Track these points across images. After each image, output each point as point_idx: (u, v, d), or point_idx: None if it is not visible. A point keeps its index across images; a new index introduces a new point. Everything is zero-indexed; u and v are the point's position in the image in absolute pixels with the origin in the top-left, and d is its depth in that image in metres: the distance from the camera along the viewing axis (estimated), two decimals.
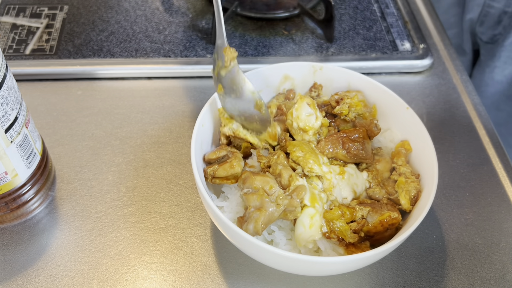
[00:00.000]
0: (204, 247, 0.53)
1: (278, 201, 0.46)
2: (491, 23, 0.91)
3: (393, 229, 0.49)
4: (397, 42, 0.76)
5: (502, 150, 0.63)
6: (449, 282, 0.51)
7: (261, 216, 0.45)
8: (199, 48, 0.73)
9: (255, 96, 0.53)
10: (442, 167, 0.60)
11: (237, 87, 0.52)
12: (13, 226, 0.54)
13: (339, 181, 0.49)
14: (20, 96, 0.49)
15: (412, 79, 0.73)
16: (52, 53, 0.71)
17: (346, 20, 0.80)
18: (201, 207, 0.56)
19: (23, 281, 0.50)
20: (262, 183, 0.47)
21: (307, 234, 0.46)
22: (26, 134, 0.50)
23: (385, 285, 0.51)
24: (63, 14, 0.78)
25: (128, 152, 0.62)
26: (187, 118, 0.66)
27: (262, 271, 0.52)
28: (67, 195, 0.57)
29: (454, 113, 0.68)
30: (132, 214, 0.56)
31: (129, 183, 0.58)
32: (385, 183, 0.52)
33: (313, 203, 0.47)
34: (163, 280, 0.50)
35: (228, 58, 0.52)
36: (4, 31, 0.74)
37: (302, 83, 0.59)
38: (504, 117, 0.96)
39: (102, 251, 0.52)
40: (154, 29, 0.76)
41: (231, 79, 0.52)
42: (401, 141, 0.54)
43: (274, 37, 0.76)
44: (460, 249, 0.54)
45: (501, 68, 0.91)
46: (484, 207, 0.58)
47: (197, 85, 0.70)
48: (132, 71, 0.71)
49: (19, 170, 0.51)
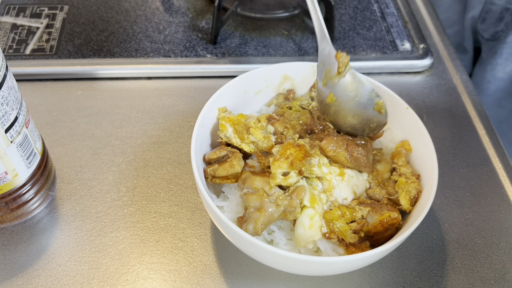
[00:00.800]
0: (204, 247, 0.53)
1: (278, 201, 0.46)
2: (493, 20, 0.91)
3: (393, 229, 0.49)
4: (397, 42, 0.76)
5: (502, 150, 0.63)
6: (449, 282, 0.51)
7: (260, 217, 0.46)
8: (199, 48, 0.73)
9: (374, 97, 0.50)
10: (442, 167, 0.60)
11: (354, 91, 0.50)
12: (13, 226, 0.54)
13: (339, 182, 0.49)
14: (20, 96, 0.49)
15: (412, 79, 0.73)
16: (52, 53, 0.71)
17: (346, 20, 0.80)
18: (201, 207, 0.57)
19: (23, 281, 0.50)
20: (262, 184, 0.47)
21: (307, 235, 0.46)
22: (26, 134, 0.50)
23: (385, 285, 0.51)
24: (63, 14, 0.78)
25: (128, 152, 0.62)
26: (187, 118, 0.66)
27: (262, 271, 0.52)
28: (67, 195, 0.57)
29: (454, 113, 0.68)
30: (132, 214, 0.56)
31: (129, 183, 0.58)
32: (385, 183, 0.52)
33: (312, 203, 0.47)
34: (163, 280, 0.50)
35: (343, 63, 0.49)
36: (4, 31, 0.74)
37: (302, 83, 0.59)
38: (505, 114, 0.96)
39: (102, 251, 0.52)
40: (154, 29, 0.76)
41: (345, 84, 0.50)
42: (401, 141, 0.54)
43: (274, 37, 0.76)
44: (460, 249, 0.54)
45: (503, 65, 0.91)
46: (484, 207, 0.58)
47: (197, 85, 0.70)
48: (132, 71, 0.71)
49: (19, 170, 0.51)
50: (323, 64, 0.51)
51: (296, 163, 0.47)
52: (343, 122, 0.51)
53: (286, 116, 0.54)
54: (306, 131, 0.55)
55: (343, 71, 0.49)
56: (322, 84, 0.51)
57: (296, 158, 0.47)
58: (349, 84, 0.50)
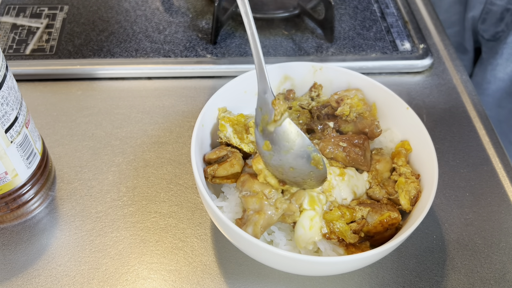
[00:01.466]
0: (204, 247, 0.53)
1: (277, 204, 0.46)
2: (493, 21, 0.91)
3: (393, 229, 0.49)
4: (397, 42, 0.76)
5: (502, 150, 0.63)
6: (449, 282, 0.51)
7: (260, 219, 0.45)
8: (199, 48, 0.73)
9: (311, 151, 0.46)
10: (442, 167, 0.60)
11: (289, 142, 0.46)
12: (13, 226, 0.54)
13: (339, 182, 0.49)
14: (20, 96, 0.49)
15: (412, 79, 0.73)
16: (52, 53, 0.71)
17: (346, 20, 0.80)
18: (201, 207, 0.57)
19: (23, 281, 0.50)
20: (261, 186, 0.47)
21: (307, 236, 0.46)
22: (26, 134, 0.50)
23: (385, 285, 0.51)
24: (63, 14, 0.78)
25: (128, 152, 0.62)
26: (187, 118, 0.66)
27: (262, 271, 0.52)
28: (67, 195, 0.57)
29: (454, 113, 0.68)
30: (132, 214, 0.56)
31: (129, 183, 0.58)
32: (385, 183, 0.52)
33: (312, 205, 0.47)
34: (163, 280, 0.50)
35: (279, 111, 0.46)
36: (4, 31, 0.74)
37: (302, 83, 0.59)
38: (505, 114, 0.96)
39: (102, 251, 0.52)
40: (154, 29, 0.76)
41: (281, 134, 0.46)
42: (401, 141, 0.54)
43: (274, 37, 0.76)
44: (460, 249, 0.54)
45: (503, 66, 0.91)
46: (484, 207, 0.58)
47: (197, 85, 0.70)
48: (132, 71, 0.71)
49: (19, 170, 0.51)
50: (261, 109, 0.48)
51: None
52: (280, 173, 0.47)
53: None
54: (306, 131, 0.55)
55: (279, 119, 0.46)
56: (259, 130, 0.48)
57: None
58: (284, 134, 0.46)
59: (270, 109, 0.46)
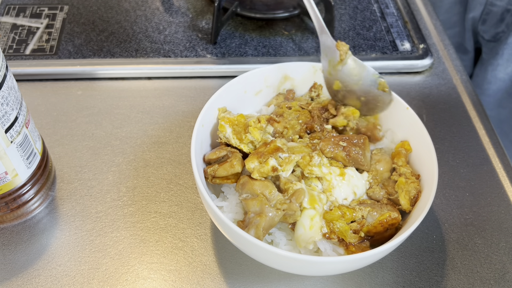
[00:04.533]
0: (204, 247, 0.53)
1: (278, 205, 0.46)
2: (494, 21, 0.91)
3: (393, 229, 0.49)
4: (397, 42, 0.76)
5: (502, 150, 0.63)
6: (449, 282, 0.52)
7: (261, 222, 0.45)
8: (199, 48, 0.73)
9: (376, 78, 0.54)
10: (442, 167, 0.60)
11: (357, 75, 0.54)
12: (13, 226, 0.54)
13: (339, 182, 0.49)
14: (20, 96, 0.49)
15: (412, 79, 0.73)
16: (52, 53, 0.71)
17: (346, 20, 0.80)
18: (201, 207, 0.57)
19: (23, 281, 0.50)
20: (261, 188, 0.47)
21: (307, 235, 0.46)
22: (26, 134, 0.50)
23: (385, 285, 0.51)
24: (63, 14, 0.78)
25: (128, 152, 0.62)
26: (187, 118, 0.66)
27: (262, 271, 0.52)
28: (67, 195, 0.57)
29: (454, 113, 0.68)
30: (132, 214, 0.56)
31: (129, 183, 0.58)
32: (385, 183, 0.52)
33: (312, 204, 0.47)
34: (163, 280, 0.50)
35: (344, 51, 0.54)
36: (4, 31, 0.74)
37: (302, 83, 0.59)
38: (506, 114, 0.96)
39: (102, 251, 0.52)
40: (154, 29, 0.76)
41: (349, 70, 0.54)
42: (401, 141, 0.54)
43: (274, 37, 0.76)
44: (460, 249, 0.54)
45: (504, 66, 0.91)
46: (484, 207, 0.58)
47: (197, 85, 0.70)
48: (132, 71, 0.71)
49: (19, 170, 0.51)
50: (326, 55, 0.55)
51: (265, 155, 0.49)
52: (353, 105, 0.55)
53: (285, 116, 0.54)
54: (305, 131, 0.55)
55: (344, 58, 0.54)
56: (328, 73, 0.55)
57: (267, 152, 0.49)
58: (351, 69, 0.54)
59: (334, 51, 0.54)
